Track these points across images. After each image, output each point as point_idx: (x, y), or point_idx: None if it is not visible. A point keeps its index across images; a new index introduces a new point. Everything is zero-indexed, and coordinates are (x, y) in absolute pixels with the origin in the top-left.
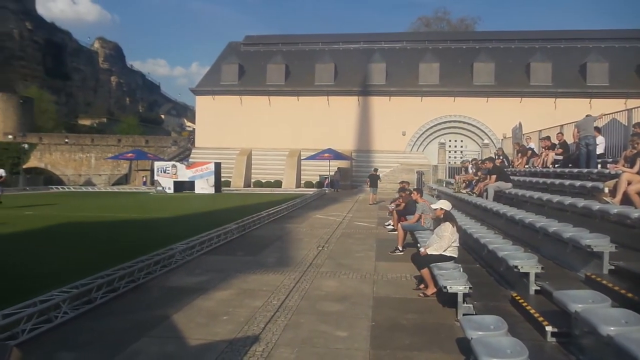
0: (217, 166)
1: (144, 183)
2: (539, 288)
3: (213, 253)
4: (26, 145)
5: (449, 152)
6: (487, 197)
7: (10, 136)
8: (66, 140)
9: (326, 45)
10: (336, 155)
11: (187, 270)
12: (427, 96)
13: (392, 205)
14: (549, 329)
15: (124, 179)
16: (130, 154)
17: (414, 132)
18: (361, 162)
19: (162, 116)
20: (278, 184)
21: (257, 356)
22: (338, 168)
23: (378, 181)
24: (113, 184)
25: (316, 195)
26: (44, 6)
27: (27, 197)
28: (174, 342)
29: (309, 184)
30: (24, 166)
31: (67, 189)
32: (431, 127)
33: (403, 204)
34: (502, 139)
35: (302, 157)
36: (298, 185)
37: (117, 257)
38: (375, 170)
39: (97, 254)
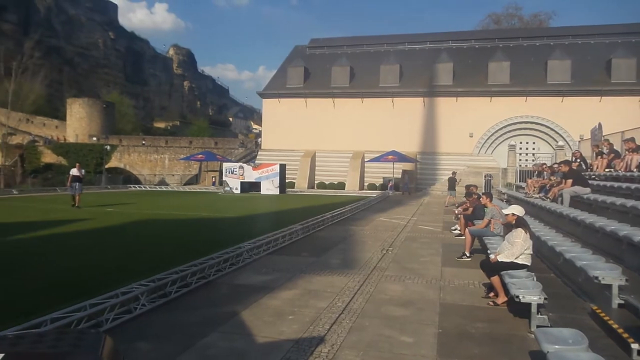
0: (282, 168)
1: (213, 183)
2: (622, 302)
3: (279, 253)
4: (108, 147)
5: (520, 154)
6: (562, 203)
7: (94, 138)
8: (143, 142)
9: (391, 47)
10: (400, 158)
11: (254, 269)
12: (496, 96)
13: (459, 209)
14: (634, 346)
15: (195, 179)
16: (200, 155)
17: (482, 134)
18: (426, 164)
19: (230, 119)
20: (341, 185)
21: (322, 357)
22: (404, 170)
23: (455, 184)
24: (184, 184)
25: (380, 197)
26: (125, 16)
27: (108, 195)
28: (242, 339)
29: (372, 186)
30: (106, 166)
31: (143, 188)
32: (501, 129)
33: (471, 209)
34: (579, 141)
35: (365, 159)
36: (361, 187)
37: (189, 253)
38: (454, 173)
39: (170, 250)
